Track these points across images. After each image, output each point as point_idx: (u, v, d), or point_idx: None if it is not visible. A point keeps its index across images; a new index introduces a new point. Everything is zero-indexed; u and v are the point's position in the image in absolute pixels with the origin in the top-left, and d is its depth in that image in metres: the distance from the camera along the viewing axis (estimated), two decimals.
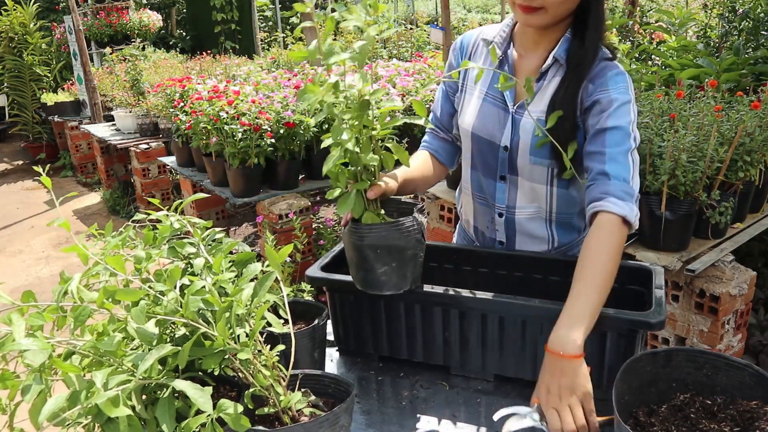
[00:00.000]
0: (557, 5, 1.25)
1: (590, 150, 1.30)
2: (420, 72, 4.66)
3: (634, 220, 1.23)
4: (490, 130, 1.43)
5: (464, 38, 1.52)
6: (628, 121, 1.28)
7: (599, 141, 1.28)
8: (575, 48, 1.32)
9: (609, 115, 1.28)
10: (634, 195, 1.25)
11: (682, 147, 2.26)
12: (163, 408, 0.84)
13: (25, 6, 8.14)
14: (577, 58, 1.31)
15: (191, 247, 1.06)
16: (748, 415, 0.93)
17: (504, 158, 1.43)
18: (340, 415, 0.95)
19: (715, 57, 3.45)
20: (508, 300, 1.21)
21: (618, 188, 1.23)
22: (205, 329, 0.89)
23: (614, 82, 1.29)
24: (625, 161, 1.26)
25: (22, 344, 0.78)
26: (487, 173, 1.48)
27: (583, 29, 1.31)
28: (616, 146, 1.26)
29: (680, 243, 2.39)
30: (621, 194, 1.23)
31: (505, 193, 1.47)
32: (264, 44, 10.15)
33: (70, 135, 7.19)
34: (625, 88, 1.30)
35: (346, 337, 1.42)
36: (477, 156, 1.49)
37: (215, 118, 3.62)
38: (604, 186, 1.24)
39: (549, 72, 1.36)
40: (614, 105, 1.28)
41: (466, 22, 10.45)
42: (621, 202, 1.22)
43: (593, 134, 1.29)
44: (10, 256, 5.05)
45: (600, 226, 1.22)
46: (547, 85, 1.36)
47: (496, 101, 1.42)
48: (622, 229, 1.22)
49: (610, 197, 1.23)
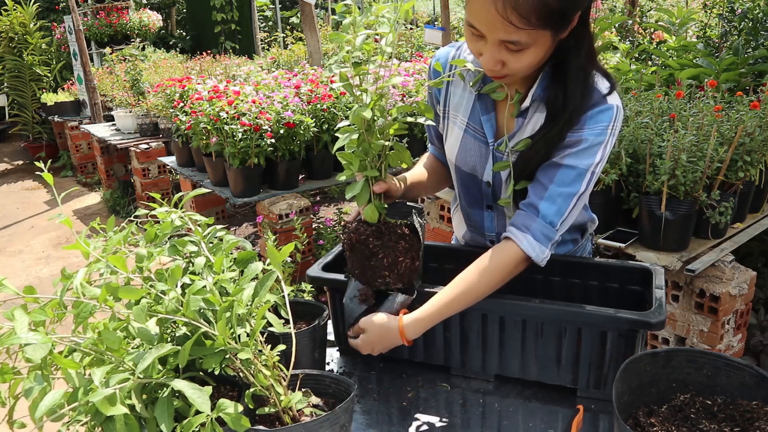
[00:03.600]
0: (524, 71, 1.16)
1: (538, 178, 1.24)
2: (420, 72, 4.66)
3: (540, 261, 1.23)
4: (472, 165, 1.37)
5: (440, 56, 1.38)
6: (589, 163, 1.20)
7: (549, 174, 1.23)
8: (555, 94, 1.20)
9: (571, 154, 1.21)
10: (553, 239, 1.23)
11: (682, 147, 2.26)
12: (162, 407, 0.84)
13: (25, 6, 8.14)
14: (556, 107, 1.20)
15: (192, 245, 1.06)
16: (748, 416, 0.93)
17: (488, 192, 1.39)
18: (341, 415, 0.95)
19: (715, 57, 3.45)
20: (508, 300, 1.21)
21: (539, 229, 1.22)
22: (205, 329, 0.89)
23: (593, 122, 1.19)
24: (562, 204, 1.22)
25: (23, 338, 0.78)
26: (473, 204, 1.45)
27: (564, 73, 1.19)
28: (561, 186, 1.21)
29: (680, 243, 2.39)
30: (539, 236, 1.22)
31: (493, 222, 1.44)
32: (264, 44, 10.15)
33: (70, 135, 7.20)
34: (604, 127, 1.19)
35: (347, 337, 1.42)
36: (462, 187, 1.46)
37: (215, 118, 3.62)
38: (530, 220, 1.22)
39: (529, 110, 1.27)
40: (582, 145, 1.20)
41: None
42: (535, 243, 1.21)
43: (547, 165, 1.23)
44: (10, 256, 5.05)
45: (501, 251, 1.23)
46: (527, 123, 1.28)
47: (476, 134, 1.34)
48: (520, 264, 1.23)
49: (528, 234, 1.22)
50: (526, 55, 1.11)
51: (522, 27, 1.05)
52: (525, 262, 1.23)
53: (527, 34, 1.06)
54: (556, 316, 1.19)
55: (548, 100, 1.22)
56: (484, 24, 1.08)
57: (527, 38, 1.07)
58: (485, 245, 1.50)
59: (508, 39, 1.08)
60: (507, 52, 1.11)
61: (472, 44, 1.15)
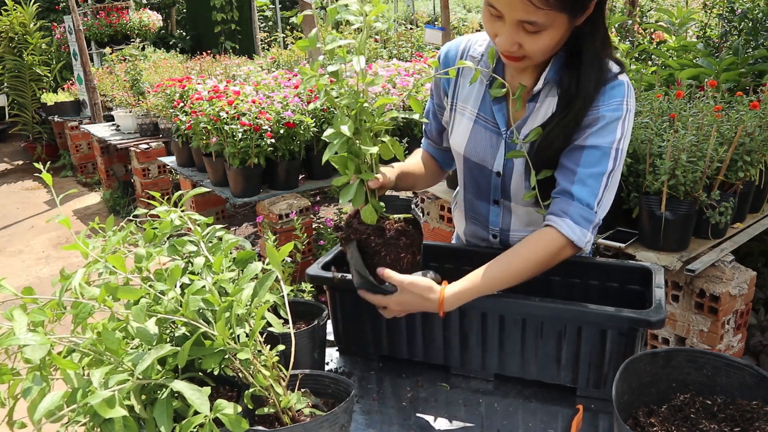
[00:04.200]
0: (541, 54, 1.18)
1: (564, 164, 1.25)
2: (420, 72, 4.66)
3: (583, 245, 1.23)
4: (482, 155, 1.37)
5: (450, 49, 1.41)
6: (611, 140, 1.22)
7: (574, 158, 1.23)
8: (569, 80, 1.22)
9: (591, 133, 1.22)
10: (593, 221, 1.24)
11: (682, 147, 2.26)
12: (161, 408, 0.84)
13: (25, 6, 8.14)
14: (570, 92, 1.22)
15: (192, 245, 1.06)
16: (748, 416, 0.93)
17: (497, 184, 1.38)
18: (340, 415, 0.95)
19: (715, 57, 3.45)
20: (508, 299, 1.21)
21: (578, 212, 1.22)
22: (205, 329, 0.89)
23: (608, 97, 1.21)
24: (594, 184, 1.22)
25: (21, 339, 0.78)
26: (480, 196, 1.44)
27: (578, 60, 1.21)
28: (589, 167, 1.22)
29: (680, 243, 2.39)
30: (578, 218, 1.22)
31: (498, 217, 1.44)
32: (264, 44, 10.15)
33: (70, 135, 7.19)
34: (619, 102, 1.21)
35: (346, 337, 1.42)
36: (469, 179, 1.45)
37: (215, 118, 3.62)
38: (566, 205, 1.23)
39: (541, 93, 1.29)
40: (600, 123, 1.21)
41: (466, 22, 10.45)
42: (575, 226, 1.22)
43: (571, 149, 1.24)
44: (10, 256, 5.05)
45: (542, 237, 1.23)
46: (539, 107, 1.29)
47: (487, 124, 1.35)
48: (562, 250, 1.23)
49: (567, 218, 1.22)
50: (542, 37, 1.13)
51: (541, 7, 1.07)
52: (568, 247, 1.23)
53: (545, 14, 1.09)
54: (556, 315, 1.19)
55: (561, 85, 1.24)
56: (504, 3, 1.11)
57: (545, 19, 1.10)
58: (487, 239, 1.50)
59: (527, 19, 1.10)
60: (524, 33, 1.13)
61: (490, 25, 1.17)
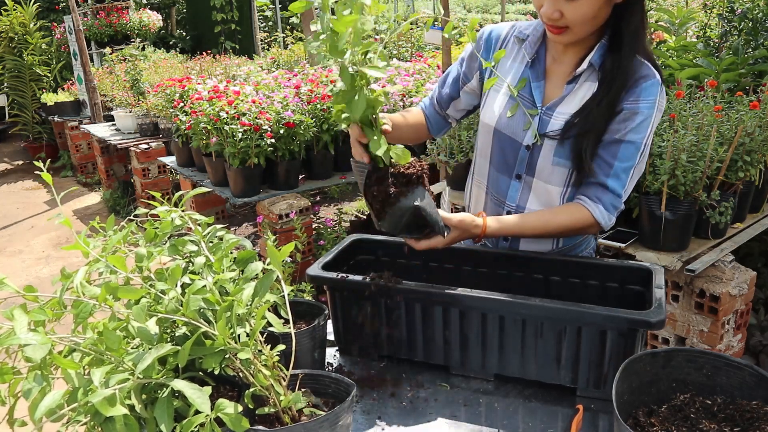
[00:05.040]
0: (581, 24, 1.27)
1: (602, 155, 1.36)
2: (420, 72, 4.66)
3: (606, 227, 1.41)
4: (514, 128, 1.44)
5: (494, 30, 1.52)
6: (644, 136, 1.34)
7: (612, 151, 1.35)
8: (610, 62, 1.32)
9: (630, 129, 1.33)
10: (619, 207, 1.40)
11: (682, 147, 2.26)
12: (162, 408, 0.84)
13: (25, 6, 8.14)
14: (611, 75, 1.32)
15: (192, 245, 1.06)
16: (748, 416, 0.93)
17: (524, 157, 1.44)
18: (340, 415, 0.95)
19: (715, 57, 3.45)
20: (508, 299, 1.21)
21: (609, 200, 1.38)
22: (205, 328, 0.89)
23: (646, 93, 1.32)
24: (624, 177, 1.36)
25: (22, 338, 0.78)
26: (503, 170, 1.50)
27: (618, 43, 1.32)
28: (623, 161, 1.35)
29: (680, 243, 2.39)
30: (609, 206, 1.38)
31: (518, 192, 1.48)
32: (264, 44, 10.15)
33: (70, 135, 7.19)
34: (654, 100, 1.32)
35: (347, 337, 1.42)
36: (497, 152, 1.50)
37: (215, 118, 3.62)
38: (600, 193, 1.38)
39: (582, 75, 1.37)
40: (638, 119, 1.32)
41: (466, 22, 10.44)
42: (605, 212, 1.38)
43: (610, 142, 1.35)
44: (10, 256, 5.05)
45: (577, 210, 1.39)
46: (578, 89, 1.37)
47: (524, 101, 1.43)
48: (589, 228, 1.41)
49: (600, 205, 1.38)
50: (581, 4, 1.24)
51: None
52: (594, 226, 1.40)
53: None
54: (556, 315, 1.19)
55: (604, 68, 1.34)
56: None
57: None
58: None
59: None
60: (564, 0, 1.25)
61: None
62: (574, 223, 1.39)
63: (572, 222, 1.39)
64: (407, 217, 1.25)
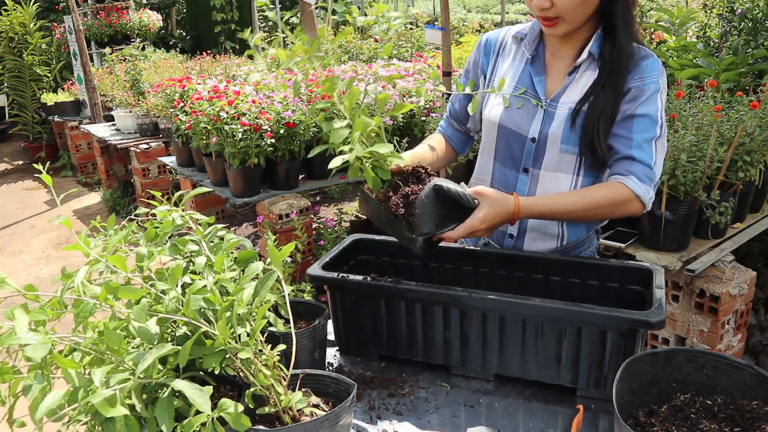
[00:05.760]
0: (571, 12, 1.30)
1: (617, 133, 1.37)
2: (420, 72, 4.66)
3: (647, 201, 1.36)
4: (518, 122, 1.47)
5: (490, 36, 1.58)
6: (656, 108, 1.35)
7: (627, 126, 1.36)
8: (608, 49, 1.36)
9: (640, 103, 1.35)
10: (654, 180, 1.36)
11: (682, 147, 2.26)
12: (162, 408, 0.84)
13: (25, 6, 8.14)
14: (611, 60, 1.36)
15: (193, 244, 1.06)
16: (748, 416, 0.93)
17: (530, 150, 1.46)
18: (341, 415, 0.95)
19: (715, 57, 3.45)
20: (508, 299, 1.21)
21: (641, 171, 1.34)
22: (206, 328, 0.89)
23: (649, 70, 1.35)
24: (649, 148, 1.35)
25: (22, 338, 0.78)
26: (510, 165, 1.51)
27: (612, 30, 1.36)
28: (642, 133, 1.35)
29: (680, 243, 2.39)
30: (642, 176, 1.34)
31: (525, 186, 1.49)
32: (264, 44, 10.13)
33: (70, 135, 7.19)
34: (657, 76, 1.36)
35: (347, 337, 1.42)
36: (502, 148, 1.52)
37: (215, 118, 3.62)
38: (629, 166, 1.35)
39: (582, 66, 1.41)
40: (645, 94, 1.34)
41: (465, 22, 10.45)
42: (640, 183, 1.34)
43: (623, 119, 1.36)
44: (10, 256, 5.05)
45: (611, 186, 1.35)
46: (579, 78, 1.41)
47: (526, 95, 1.46)
48: (629, 203, 1.35)
49: (632, 176, 1.35)
50: None
51: None
52: (635, 201, 1.35)
53: None
54: (556, 316, 1.19)
55: (602, 56, 1.37)
56: None
57: None
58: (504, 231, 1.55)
59: None
60: None
61: None
62: (611, 198, 1.35)
63: (608, 196, 1.35)
64: (433, 204, 1.22)
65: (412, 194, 1.23)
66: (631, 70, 1.36)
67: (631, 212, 1.37)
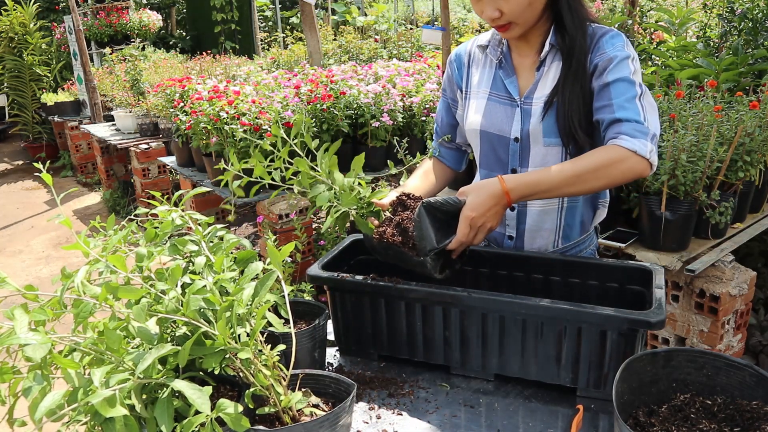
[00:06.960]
0: (520, 16, 1.34)
1: (598, 105, 1.36)
2: (420, 72, 4.66)
3: (648, 154, 1.28)
4: (498, 125, 1.48)
5: (458, 50, 1.61)
6: (629, 71, 1.34)
7: (605, 95, 1.35)
8: (563, 35, 1.40)
9: (609, 71, 1.35)
10: (648, 133, 1.30)
11: (682, 147, 2.26)
12: (162, 408, 0.84)
13: (25, 6, 8.14)
14: (568, 47, 1.39)
15: (193, 244, 1.06)
16: (748, 416, 0.93)
17: (515, 150, 1.48)
18: (340, 415, 0.95)
19: (715, 57, 3.45)
20: (508, 299, 1.21)
21: (630, 127, 1.30)
22: (205, 328, 0.89)
23: (610, 44, 1.37)
24: (632, 106, 1.32)
25: (22, 338, 0.78)
26: (498, 168, 1.52)
27: (562, 21, 1.39)
28: (620, 96, 1.33)
29: (680, 243, 2.39)
30: (632, 132, 1.29)
31: None
32: (264, 44, 10.15)
33: (70, 135, 7.19)
34: (622, 45, 1.36)
35: (347, 337, 1.42)
36: (488, 153, 1.53)
37: (215, 118, 3.62)
38: (618, 128, 1.31)
39: (547, 59, 1.43)
40: (613, 62, 1.35)
41: (466, 22, 10.44)
42: (632, 139, 1.28)
43: (598, 91, 1.36)
44: (9, 256, 5.05)
45: (604, 148, 1.31)
46: (548, 71, 1.43)
47: (501, 98, 1.49)
48: (628, 160, 1.27)
49: (622, 135, 1.29)
50: None
51: None
52: (633, 157, 1.27)
53: None
54: (556, 315, 1.19)
55: (561, 45, 1.40)
56: None
57: None
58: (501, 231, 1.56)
59: None
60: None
61: (476, 6, 1.36)
62: (603, 160, 1.27)
63: (601, 158, 1.28)
64: (426, 221, 1.25)
65: (405, 220, 1.27)
66: (592, 49, 1.38)
67: (635, 171, 1.28)
